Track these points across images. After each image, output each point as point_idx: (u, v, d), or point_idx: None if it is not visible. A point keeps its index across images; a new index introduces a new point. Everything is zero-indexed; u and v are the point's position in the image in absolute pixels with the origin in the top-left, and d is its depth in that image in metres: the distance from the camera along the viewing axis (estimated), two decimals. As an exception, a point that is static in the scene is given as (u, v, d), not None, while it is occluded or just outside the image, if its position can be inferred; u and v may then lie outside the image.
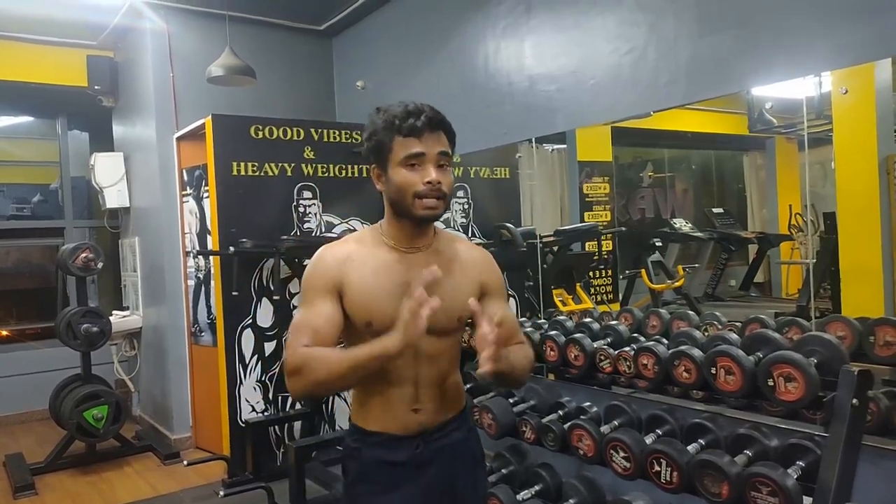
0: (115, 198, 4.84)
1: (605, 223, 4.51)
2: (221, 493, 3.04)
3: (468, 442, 1.63)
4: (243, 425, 3.68)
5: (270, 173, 3.86)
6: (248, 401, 3.78)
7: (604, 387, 2.70)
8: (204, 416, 4.23)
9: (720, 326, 2.72)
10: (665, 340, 2.44)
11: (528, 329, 2.90)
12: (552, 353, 2.67)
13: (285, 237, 3.60)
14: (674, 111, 3.05)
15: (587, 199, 4.50)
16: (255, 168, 3.81)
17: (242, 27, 4.38)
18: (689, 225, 5.19)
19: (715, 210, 5.44)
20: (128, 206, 4.89)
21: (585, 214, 4.44)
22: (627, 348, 2.44)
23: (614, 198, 4.72)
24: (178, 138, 4.24)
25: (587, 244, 4.39)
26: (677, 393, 2.41)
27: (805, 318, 2.86)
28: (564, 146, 4.64)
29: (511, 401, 2.79)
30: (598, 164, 4.56)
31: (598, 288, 4.57)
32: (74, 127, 5.83)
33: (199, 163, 4.01)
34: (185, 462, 3.64)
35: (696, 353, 2.14)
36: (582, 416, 2.48)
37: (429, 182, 1.37)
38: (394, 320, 1.37)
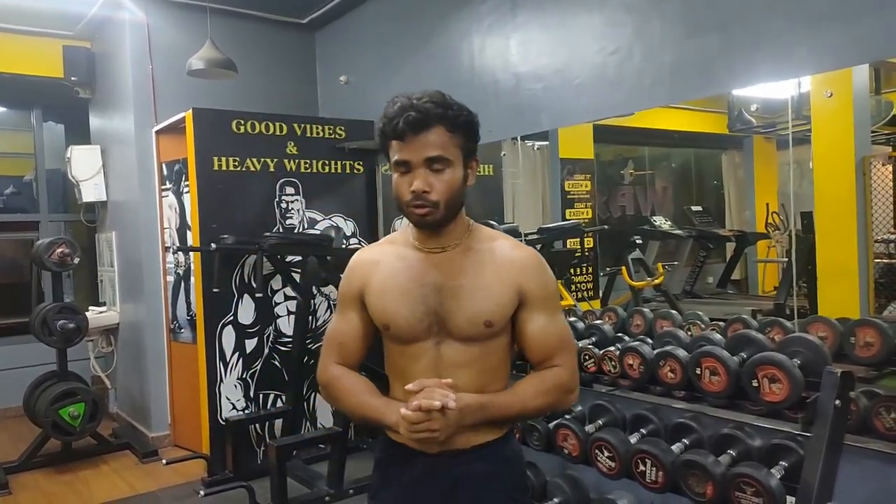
0: (91, 192, 4.75)
1: (586, 220, 4.53)
2: (202, 492, 3.01)
3: (499, 477, 1.41)
4: (223, 423, 3.64)
5: (252, 168, 3.82)
6: (228, 398, 3.74)
7: (586, 385, 2.71)
8: (183, 413, 4.18)
9: (703, 326, 2.75)
10: (649, 340, 2.46)
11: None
12: (537, 352, 2.67)
13: (268, 234, 3.56)
14: (655, 110, 3.06)
15: (569, 197, 4.51)
16: (236, 163, 3.77)
17: (224, 19, 4.31)
18: (669, 223, 5.23)
19: (694, 208, 5.50)
20: (105, 200, 4.80)
21: (567, 212, 4.46)
22: (612, 348, 2.46)
23: (595, 195, 4.74)
24: (158, 132, 4.17)
25: (568, 241, 4.40)
26: (660, 392, 2.42)
27: (782, 316, 2.90)
28: (547, 143, 4.65)
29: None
30: (579, 162, 4.58)
31: (579, 285, 4.59)
32: (49, 118, 5.70)
33: (179, 157, 3.95)
34: (164, 461, 3.60)
35: (682, 353, 2.16)
36: (566, 416, 2.49)
37: (413, 191, 1.29)
38: (410, 324, 1.36)
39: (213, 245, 3.39)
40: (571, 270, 4.50)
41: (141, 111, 4.22)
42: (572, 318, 2.84)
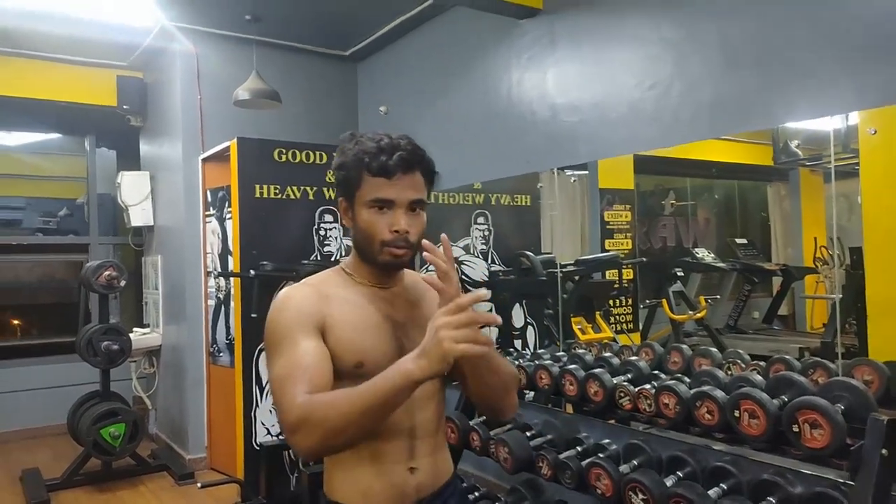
0: (139, 216, 4.91)
1: (626, 252, 4.47)
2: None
3: None
4: (258, 448, 3.67)
5: (293, 196, 3.89)
6: (263, 423, 3.78)
7: (623, 422, 2.66)
8: (219, 437, 4.23)
9: (744, 366, 2.67)
10: (686, 378, 2.41)
11: (547, 362, 2.87)
12: (571, 387, 2.64)
13: (305, 262, 3.62)
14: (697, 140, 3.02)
15: (608, 227, 4.47)
16: (277, 191, 3.85)
17: (270, 52, 4.44)
18: (712, 255, 5.12)
19: (738, 240, 5.38)
20: (152, 224, 4.96)
21: (606, 242, 4.41)
22: (648, 386, 2.40)
23: (636, 226, 4.69)
24: (204, 159, 4.30)
25: (607, 273, 4.35)
26: (698, 431, 2.36)
27: (830, 355, 2.80)
28: (586, 173, 4.62)
29: (528, 434, 2.76)
30: (619, 192, 4.54)
31: (618, 317, 4.53)
32: (103, 145, 5.94)
33: (223, 184, 4.05)
34: (199, 484, 3.63)
35: (719, 394, 2.10)
36: (600, 454, 2.45)
37: (396, 231, 1.26)
38: (388, 359, 1.20)
39: (252, 272, 3.45)
40: (610, 302, 4.45)
41: (189, 139, 4.35)
42: (607, 353, 2.79)
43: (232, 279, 3.87)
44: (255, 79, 4.00)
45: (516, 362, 3.05)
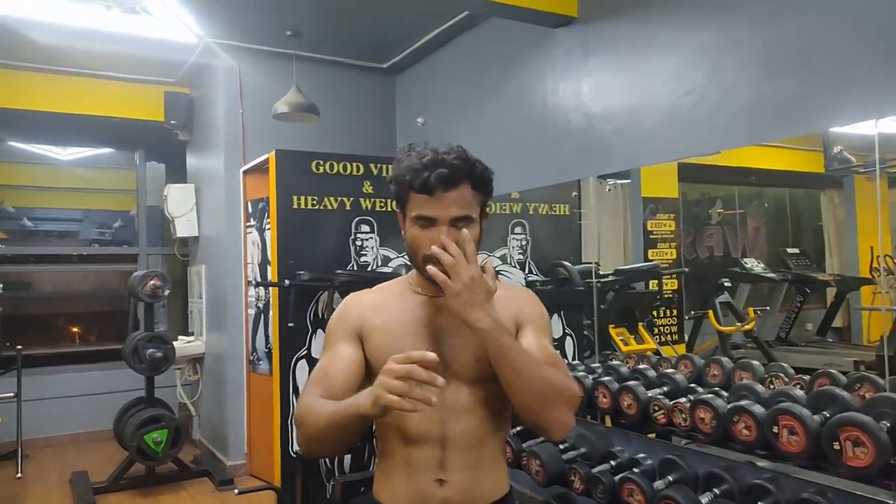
0: (184, 227, 5.04)
1: (670, 261, 4.37)
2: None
3: None
4: (294, 456, 3.70)
5: (330, 207, 3.93)
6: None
7: (663, 436, 2.58)
8: (259, 444, 4.29)
9: (787, 380, 2.57)
10: (724, 393, 2.33)
11: (580, 373, 2.82)
12: (604, 399, 2.58)
13: (340, 271, 3.65)
14: (745, 147, 2.94)
15: (651, 237, 4.38)
16: (314, 202, 3.89)
17: (309, 66, 4.53)
18: (762, 265, 4.96)
19: (790, 250, 5.19)
20: (196, 235, 5.09)
21: (649, 252, 4.32)
22: (684, 399, 2.33)
23: (680, 235, 4.58)
24: (245, 171, 4.39)
25: (652, 282, 4.26)
26: (740, 448, 2.27)
27: (881, 370, 2.67)
28: (628, 181, 4.55)
29: (561, 447, 2.71)
30: (663, 201, 4.44)
31: (662, 328, 4.42)
32: (152, 158, 6.14)
33: (263, 195, 4.13)
34: (236, 490, 3.68)
35: (758, 409, 2.03)
36: (634, 469, 2.38)
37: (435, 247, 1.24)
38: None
39: (287, 281, 3.50)
40: (654, 313, 4.35)
41: (230, 152, 4.46)
42: (643, 366, 2.73)
43: (270, 289, 3.93)
44: (295, 92, 4.07)
45: (550, 374, 3.00)
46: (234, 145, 4.46)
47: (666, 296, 4.42)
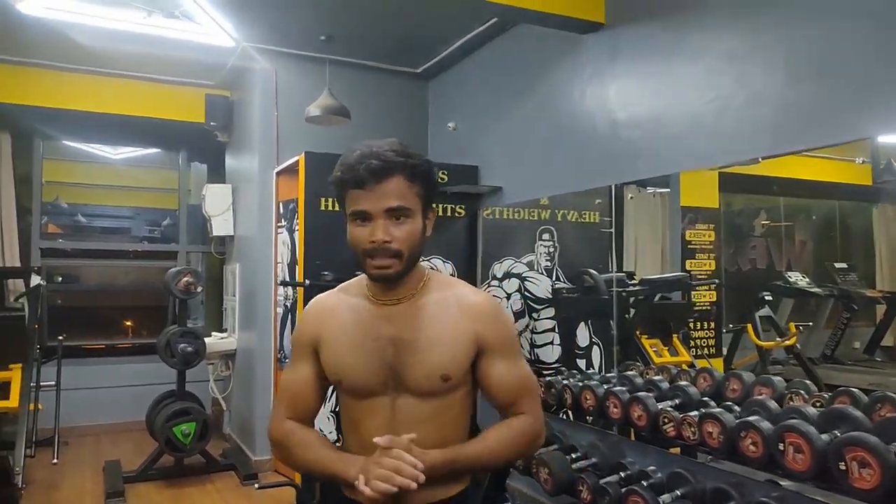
0: (221, 226, 5.17)
1: (708, 272, 4.27)
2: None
3: None
4: (315, 454, 3.75)
5: (357, 210, 3.98)
6: (321, 430, 3.85)
7: (682, 450, 2.54)
8: (283, 440, 4.35)
9: (807, 397, 2.49)
10: (736, 408, 2.27)
11: (593, 382, 2.79)
12: (615, 409, 2.55)
13: (358, 272, 3.68)
14: (789, 157, 2.87)
15: (690, 247, 4.29)
16: (342, 204, 3.95)
17: (343, 69, 4.60)
18: (806, 279, 4.80)
19: (837, 265, 5.01)
20: (232, 234, 5.21)
21: (687, 262, 4.23)
22: (694, 412, 2.29)
23: (720, 246, 4.47)
24: (278, 173, 4.48)
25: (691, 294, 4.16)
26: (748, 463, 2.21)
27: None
28: (667, 190, 4.47)
29: (572, 456, 2.69)
30: (702, 210, 4.35)
31: (699, 341, 4.32)
32: (195, 159, 6.32)
33: (293, 197, 4.21)
34: (257, 486, 3.76)
35: (765, 425, 1.98)
36: (642, 482, 2.35)
37: (373, 241, 1.25)
38: (364, 379, 1.32)
39: (308, 281, 3.56)
40: (690, 325, 4.26)
41: (265, 153, 4.56)
42: (657, 377, 2.68)
43: (296, 288, 4.00)
44: (327, 96, 4.14)
45: (564, 381, 2.98)
46: (268, 147, 4.56)
47: (703, 307, 4.32)
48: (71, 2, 3.71)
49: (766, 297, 4.48)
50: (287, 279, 4.22)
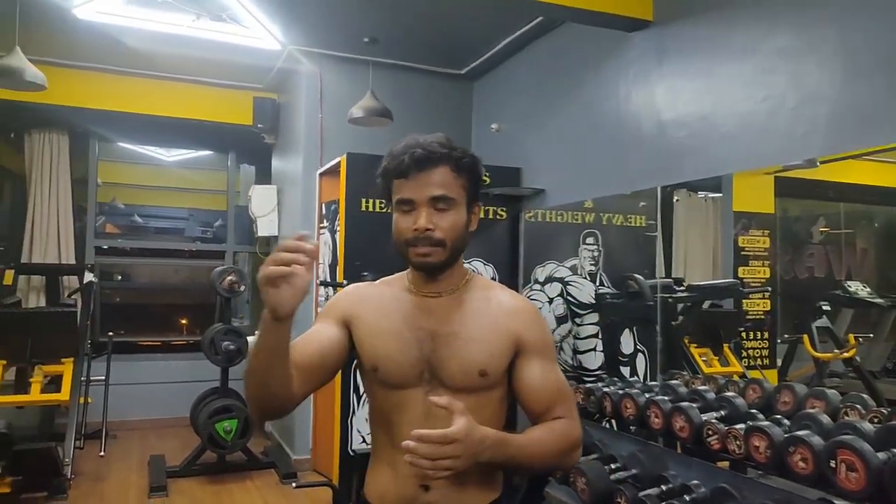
0: (266, 227, 5.24)
1: (762, 280, 4.11)
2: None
3: None
4: (352, 455, 3.75)
5: (397, 211, 3.97)
6: (359, 431, 3.85)
7: (713, 461, 2.43)
8: (322, 440, 4.38)
9: (863, 412, 2.35)
10: (786, 421, 2.16)
11: (634, 391, 2.69)
12: (657, 419, 2.46)
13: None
14: (850, 161, 2.73)
15: (743, 253, 4.14)
16: (382, 205, 3.94)
17: (387, 71, 4.61)
18: (867, 289, 4.58)
19: (902, 275, 4.77)
20: (276, 234, 5.27)
21: (740, 269, 4.08)
22: (741, 425, 2.18)
23: (776, 253, 4.31)
24: (321, 174, 4.51)
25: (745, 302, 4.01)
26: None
27: None
28: (720, 195, 4.33)
29: (612, 466, 2.60)
30: (756, 216, 4.19)
31: (752, 351, 4.16)
32: (244, 161, 6.43)
33: (335, 198, 4.22)
34: (294, 485, 3.78)
35: (816, 440, 1.87)
36: (684, 496, 2.25)
37: (416, 229, 1.25)
38: (401, 368, 1.30)
39: (345, 281, 3.55)
40: (743, 335, 4.11)
41: (309, 155, 4.60)
42: (703, 387, 2.57)
43: (335, 289, 4.01)
44: (370, 98, 4.15)
45: (604, 388, 2.89)
46: (312, 148, 4.60)
47: (756, 317, 4.16)
48: (122, 6, 3.82)
49: (824, 307, 4.28)
50: (326, 279, 4.24)
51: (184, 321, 6.98)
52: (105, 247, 6.00)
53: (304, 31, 4.26)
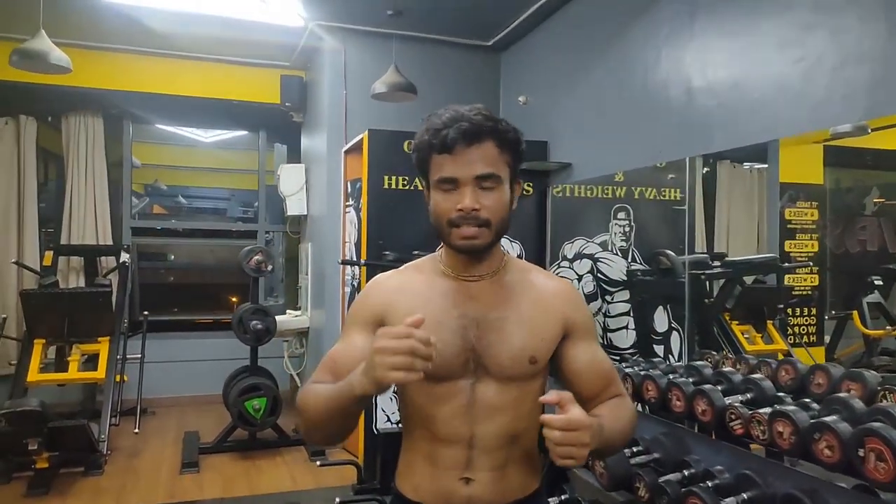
0: (295, 206, 5.24)
1: (810, 254, 3.92)
2: (337, 499, 3.09)
3: None
4: (376, 434, 3.74)
5: (420, 188, 3.89)
6: (384, 410, 3.84)
7: (745, 447, 2.31)
8: (351, 419, 4.38)
9: (904, 395, 2.20)
10: (815, 406, 2.02)
11: (656, 372, 2.58)
12: (678, 402, 2.35)
13: (416, 252, 3.60)
14: None
15: (789, 227, 3.94)
16: (405, 182, 3.88)
17: (411, 45, 4.51)
18: (924, 263, 4.33)
19: (961, 247, 4.48)
20: (305, 213, 5.27)
21: (786, 243, 3.90)
22: (766, 409, 2.06)
23: (825, 226, 4.09)
24: (346, 151, 4.46)
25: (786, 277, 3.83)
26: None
27: None
28: (765, 165, 4.13)
29: (634, 450, 2.51)
30: (804, 187, 3.97)
31: (797, 328, 3.99)
32: (276, 140, 6.43)
33: (359, 175, 4.17)
34: (319, 462, 3.79)
35: (843, 427, 1.74)
36: (707, 482, 2.15)
37: (461, 209, 1.16)
38: (445, 359, 1.19)
39: (363, 260, 3.51)
40: (788, 311, 3.93)
41: (333, 132, 4.55)
42: (728, 369, 2.45)
43: (360, 268, 3.97)
44: (393, 72, 4.06)
45: (626, 369, 2.79)
46: (337, 125, 4.55)
47: (803, 292, 3.97)
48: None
49: (877, 282, 4.07)
50: (351, 258, 4.21)
51: (219, 300, 7.09)
52: (140, 227, 6.09)
53: (327, 4, 4.18)
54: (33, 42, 3.57)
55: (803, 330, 3.94)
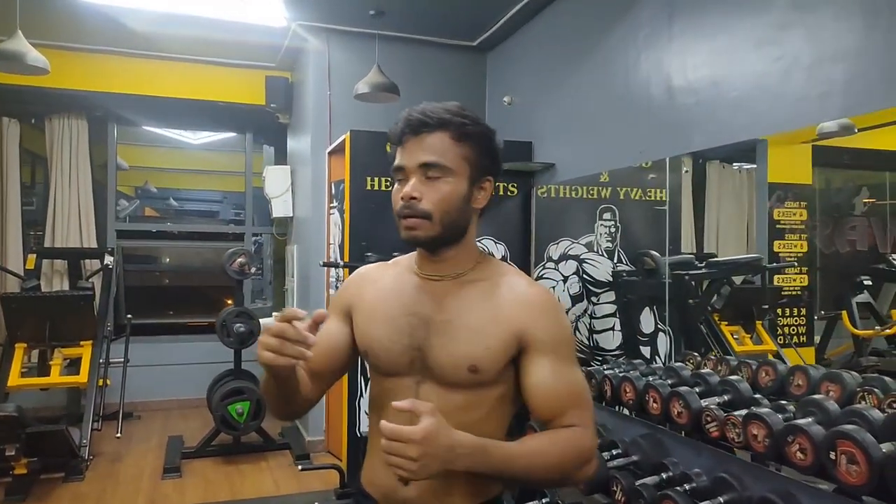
0: (280, 207, 5.21)
1: (799, 254, 3.90)
2: (316, 503, 3.06)
3: None
4: (359, 436, 3.71)
5: (403, 189, 3.87)
6: (367, 413, 3.80)
7: (722, 448, 2.28)
8: (335, 422, 4.35)
9: (881, 396, 2.17)
10: (791, 408, 2.00)
11: (634, 374, 2.56)
12: (655, 405, 2.33)
13: (396, 253, 3.57)
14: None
15: (778, 227, 3.93)
16: (388, 183, 3.85)
17: (395, 45, 4.48)
18: (915, 263, 4.32)
19: (952, 247, 4.47)
20: (291, 215, 5.23)
21: (775, 243, 3.88)
22: (742, 411, 2.03)
23: (814, 226, 4.08)
24: (329, 153, 4.43)
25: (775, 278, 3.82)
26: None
27: None
28: (754, 166, 4.12)
29: (613, 453, 2.48)
30: (793, 187, 3.96)
31: (788, 329, 3.97)
32: (264, 142, 6.39)
33: (342, 177, 4.14)
34: (300, 467, 3.76)
35: (816, 429, 1.72)
36: (684, 485, 2.12)
37: (402, 198, 1.17)
38: (389, 355, 1.22)
39: (342, 262, 3.48)
40: (778, 311, 3.91)
41: (317, 133, 4.52)
42: (705, 370, 2.42)
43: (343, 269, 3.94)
44: (376, 73, 4.04)
45: (606, 371, 2.76)
46: (321, 126, 4.52)
47: (792, 292, 3.96)
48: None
49: (866, 282, 4.06)
50: (334, 261, 4.18)
51: (204, 304, 7.05)
52: (124, 230, 6.04)
53: (308, 4, 4.15)
54: (9, 43, 3.53)
55: (793, 330, 3.93)
